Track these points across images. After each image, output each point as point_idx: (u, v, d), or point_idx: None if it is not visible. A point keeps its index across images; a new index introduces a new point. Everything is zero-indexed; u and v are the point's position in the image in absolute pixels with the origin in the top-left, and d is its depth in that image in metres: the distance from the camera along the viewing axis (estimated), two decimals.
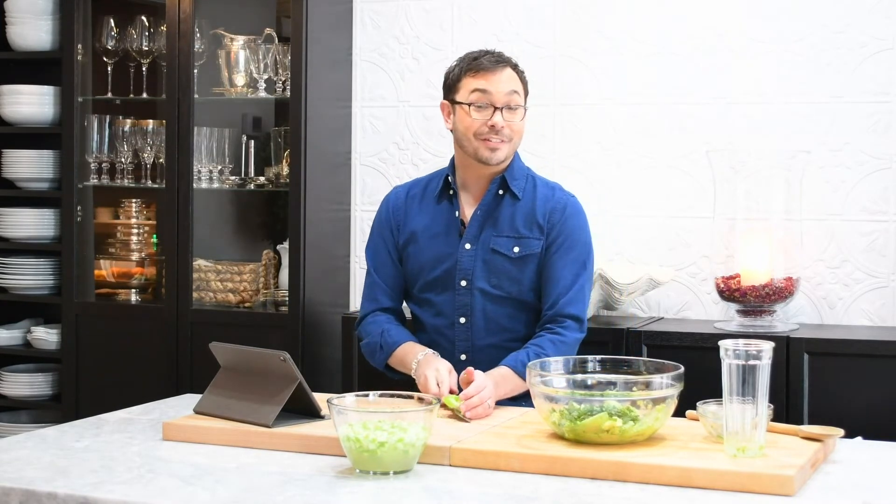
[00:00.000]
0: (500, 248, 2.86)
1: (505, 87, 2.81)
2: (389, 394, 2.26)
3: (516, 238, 2.86)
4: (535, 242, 2.86)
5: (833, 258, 3.68)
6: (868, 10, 3.63)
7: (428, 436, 2.13)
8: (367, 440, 2.09)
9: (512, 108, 2.82)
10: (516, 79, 2.85)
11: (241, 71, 4.17)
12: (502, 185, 2.88)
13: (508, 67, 2.85)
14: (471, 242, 2.88)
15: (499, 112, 2.80)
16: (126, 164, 4.28)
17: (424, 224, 2.94)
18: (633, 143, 3.88)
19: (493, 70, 2.82)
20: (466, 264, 2.87)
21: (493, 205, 2.88)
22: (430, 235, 2.92)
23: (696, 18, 3.81)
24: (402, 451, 2.09)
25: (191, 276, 4.13)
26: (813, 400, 3.31)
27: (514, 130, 2.83)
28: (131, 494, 1.99)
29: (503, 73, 2.82)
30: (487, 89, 2.81)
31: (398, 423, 2.10)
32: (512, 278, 2.86)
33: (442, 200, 2.94)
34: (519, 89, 2.85)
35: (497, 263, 2.86)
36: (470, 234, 2.88)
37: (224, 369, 2.56)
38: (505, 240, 2.86)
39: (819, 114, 3.68)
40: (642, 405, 2.20)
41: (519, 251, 2.85)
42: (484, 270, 2.86)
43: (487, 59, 2.85)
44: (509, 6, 4.02)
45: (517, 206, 2.87)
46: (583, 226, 2.90)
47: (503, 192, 2.89)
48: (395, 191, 3.05)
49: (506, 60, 2.86)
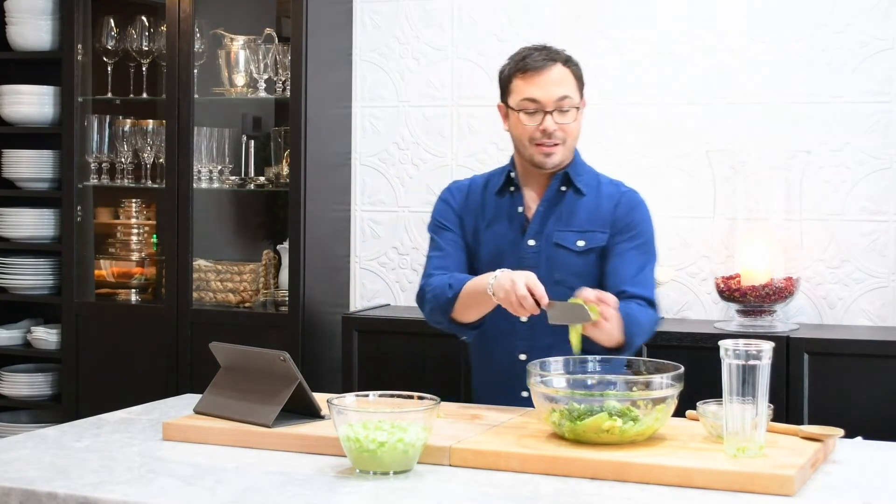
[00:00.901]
0: (563, 242, 2.79)
1: (554, 92, 2.74)
2: (389, 394, 2.26)
3: (580, 232, 2.80)
4: (600, 236, 2.80)
5: (833, 258, 3.68)
6: (868, 10, 3.63)
7: (428, 436, 2.13)
8: (367, 440, 2.08)
9: (563, 110, 2.75)
10: (567, 77, 2.77)
11: (241, 71, 4.17)
12: (565, 181, 2.82)
13: (558, 65, 2.76)
14: (534, 238, 2.81)
15: (549, 116, 2.74)
16: (126, 164, 4.28)
17: (487, 218, 2.86)
18: (633, 143, 3.88)
19: (540, 71, 2.74)
20: (530, 260, 2.78)
21: (555, 200, 2.82)
22: (492, 231, 2.85)
23: (696, 18, 3.81)
24: (402, 451, 2.09)
25: (191, 276, 4.13)
26: (813, 400, 3.31)
27: (567, 132, 2.76)
28: (131, 494, 1.99)
29: (551, 74, 2.75)
30: (536, 97, 2.74)
31: (398, 423, 2.10)
32: (576, 273, 2.77)
33: (503, 196, 2.87)
34: (570, 89, 2.77)
35: (561, 258, 2.79)
36: (533, 229, 2.81)
37: (224, 369, 2.56)
38: (569, 234, 2.80)
39: (819, 114, 3.68)
40: (642, 405, 2.20)
41: (584, 245, 2.79)
42: (548, 267, 2.78)
43: (534, 58, 2.76)
44: (509, 6, 4.02)
45: (581, 202, 2.81)
46: (648, 218, 2.86)
47: (566, 188, 2.82)
48: (456, 183, 2.96)
49: (555, 57, 2.77)
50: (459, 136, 4.09)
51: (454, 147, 4.07)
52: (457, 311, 2.75)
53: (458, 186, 2.95)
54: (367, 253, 4.22)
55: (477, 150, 4.06)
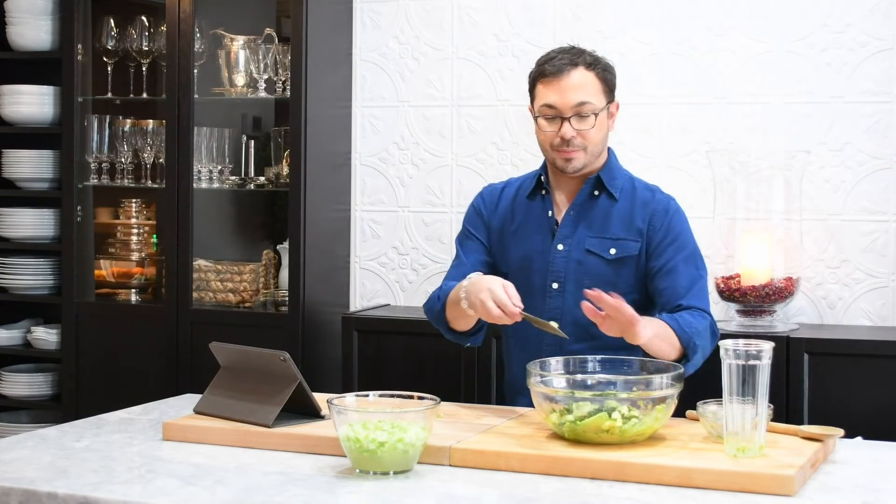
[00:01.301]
0: (595, 249, 2.74)
1: (571, 98, 2.68)
2: (389, 394, 2.26)
3: (613, 240, 2.74)
4: (632, 245, 2.73)
5: (833, 258, 3.68)
6: (868, 10, 3.63)
7: (428, 436, 2.13)
8: (367, 440, 2.08)
9: (582, 115, 2.69)
10: (589, 81, 2.71)
11: (241, 71, 4.16)
12: (597, 186, 2.77)
13: (579, 69, 2.70)
14: (563, 243, 2.76)
15: (567, 122, 2.69)
16: (126, 164, 4.28)
17: (517, 223, 2.82)
18: (633, 143, 3.88)
19: (558, 76, 2.69)
20: (559, 266, 2.75)
21: (587, 205, 2.77)
22: (522, 234, 2.81)
23: (696, 18, 3.81)
24: (402, 451, 2.09)
25: (191, 276, 4.13)
26: (813, 400, 3.31)
27: (586, 138, 2.70)
28: (131, 494, 1.99)
29: (570, 79, 2.69)
30: (553, 103, 2.69)
31: (398, 423, 2.10)
32: (606, 281, 2.70)
33: (535, 199, 2.83)
34: (591, 94, 2.70)
35: (591, 265, 2.74)
36: (563, 234, 2.77)
37: (224, 369, 2.56)
38: (600, 241, 2.74)
39: (819, 114, 3.68)
40: (642, 405, 2.20)
41: (616, 253, 2.73)
42: (577, 273, 2.74)
43: (554, 62, 2.71)
44: (509, 6, 4.02)
45: (614, 208, 2.76)
46: (687, 227, 2.79)
47: (599, 193, 2.77)
48: (491, 186, 2.93)
49: (576, 61, 2.71)
50: (459, 136, 4.09)
51: (454, 147, 4.07)
52: (449, 321, 2.72)
53: (490, 191, 2.92)
54: (367, 253, 4.22)
55: (477, 150, 4.06)
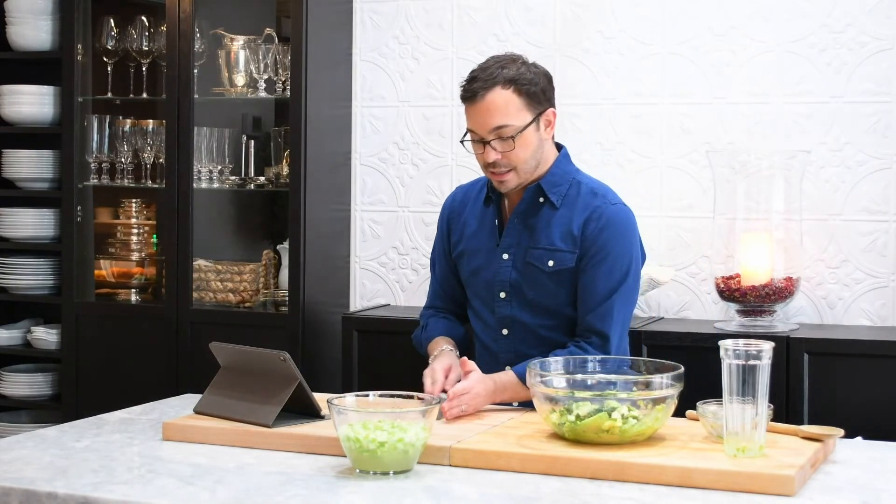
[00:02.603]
0: (534, 260, 2.71)
1: (487, 122, 2.61)
2: (389, 394, 2.26)
3: (551, 251, 2.70)
4: (568, 256, 2.69)
5: (833, 258, 3.68)
6: (868, 10, 3.63)
7: (428, 436, 2.13)
8: (367, 440, 2.08)
9: (503, 138, 2.62)
10: (507, 100, 2.60)
11: (241, 71, 4.16)
12: (539, 193, 2.73)
13: (496, 89, 2.60)
14: (507, 252, 2.75)
15: (489, 146, 2.62)
16: (126, 164, 4.28)
17: (472, 230, 2.82)
18: (633, 143, 3.88)
19: (473, 100, 2.62)
20: (504, 275, 2.75)
21: (529, 213, 2.74)
22: (475, 243, 2.81)
23: (696, 18, 3.81)
24: (402, 451, 2.09)
25: (191, 276, 4.13)
26: (813, 400, 3.31)
27: (511, 160, 2.64)
28: (131, 494, 1.99)
29: (484, 103, 2.61)
30: (472, 127, 2.65)
31: (398, 423, 2.10)
32: (549, 292, 2.71)
33: (488, 205, 2.81)
34: (510, 114, 2.60)
35: (534, 276, 2.72)
36: (506, 243, 2.75)
37: (224, 369, 2.56)
38: (540, 252, 2.71)
39: (819, 114, 3.68)
40: (642, 405, 2.20)
41: (553, 265, 2.70)
42: (522, 282, 2.73)
43: (468, 87, 2.64)
44: (509, 6, 4.02)
45: (556, 216, 2.71)
46: (621, 237, 2.68)
47: (543, 200, 2.73)
48: (455, 191, 2.94)
49: (491, 82, 2.61)
50: (459, 135, 4.08)
51: (454, 147, 4.07)
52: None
53: (453, 196, 2.93)
54: (367, 253, 4.22)
55: None
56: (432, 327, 2.88)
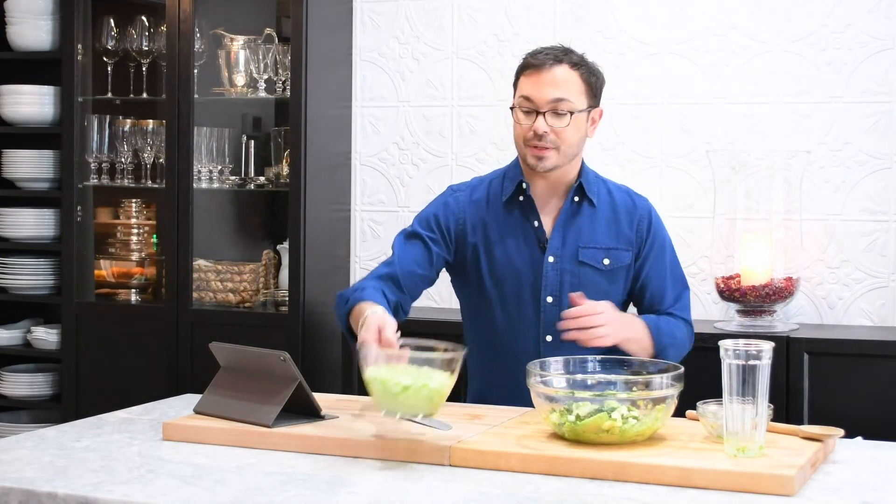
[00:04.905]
0: (588, 259, 2.71)
1: (549, 93, 2.62)
2: (413, 342, 2.27)
3: (604, 249, 2.72)
4: (624, 254, 2.73)
5: (833, 258, 3.68)
6: (868, 10, 3.63)
7: (452, 383, 2.18)
8: (391, 383, 2.13)
9: (558, 113, 2.62)
10: (571, 79, 2.64)
11: (241, 71, 4.17)
12: (579, 193, 2.73)
13: (563, 66, 2.63)
14: (554, 255, 2.71)
15: (542, 117, 2.62)
16: (126, 164, 4.28)
17: (497, 233, 2.74)
18: (633, 143, 3.88)
19: (539, 70, 2.63)
20: (552, 279, 2.71)
21: (572, 214, 2.73)
22: (506, 246, 2.73)
23: (696, 18, 3.81)
24: (427, 398, 2.15)
25: (191, 276, 4.13)
26: (813, 400, 3.31)
27: (560, 137, 2.63)
28: (131, 494, 1.99)
29: (551, 74, 2.63)
30: (531, 95, 2.63)
31: (423, 369, 2.16)
32: (601, 291, 2.69)
33: (513, 205, 2.75)
34: (572, 92, 2.63)
35: (586, 276, 2.70)
36: (553, 245, 2.71)
37: (224, 369, 2.56)
38: (593, 251, 2.71)
39: (819, 114, 3.68)
40: (642, 405, 2.20)
41: (609, 263, 2.72)
42: (571, 285, 2.69)
43: (537, 57, 2.66)
44: (509, 6, 4.02)
45: (599, 216, 2.73)
46: (662, 225, 2.84)
47: (580, 200, 2.73)
48: (457, 193, 2.81)
49: (562, 58, 2.64)
50: (459, 136, 4.09)
51: (454, 147, 4.08)
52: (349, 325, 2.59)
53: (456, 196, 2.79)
54: (367, 253, 4.22)
55: (477, 150, 4.06)
56: (370, 292, 2.58)
